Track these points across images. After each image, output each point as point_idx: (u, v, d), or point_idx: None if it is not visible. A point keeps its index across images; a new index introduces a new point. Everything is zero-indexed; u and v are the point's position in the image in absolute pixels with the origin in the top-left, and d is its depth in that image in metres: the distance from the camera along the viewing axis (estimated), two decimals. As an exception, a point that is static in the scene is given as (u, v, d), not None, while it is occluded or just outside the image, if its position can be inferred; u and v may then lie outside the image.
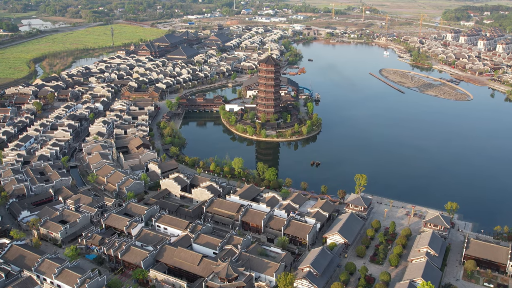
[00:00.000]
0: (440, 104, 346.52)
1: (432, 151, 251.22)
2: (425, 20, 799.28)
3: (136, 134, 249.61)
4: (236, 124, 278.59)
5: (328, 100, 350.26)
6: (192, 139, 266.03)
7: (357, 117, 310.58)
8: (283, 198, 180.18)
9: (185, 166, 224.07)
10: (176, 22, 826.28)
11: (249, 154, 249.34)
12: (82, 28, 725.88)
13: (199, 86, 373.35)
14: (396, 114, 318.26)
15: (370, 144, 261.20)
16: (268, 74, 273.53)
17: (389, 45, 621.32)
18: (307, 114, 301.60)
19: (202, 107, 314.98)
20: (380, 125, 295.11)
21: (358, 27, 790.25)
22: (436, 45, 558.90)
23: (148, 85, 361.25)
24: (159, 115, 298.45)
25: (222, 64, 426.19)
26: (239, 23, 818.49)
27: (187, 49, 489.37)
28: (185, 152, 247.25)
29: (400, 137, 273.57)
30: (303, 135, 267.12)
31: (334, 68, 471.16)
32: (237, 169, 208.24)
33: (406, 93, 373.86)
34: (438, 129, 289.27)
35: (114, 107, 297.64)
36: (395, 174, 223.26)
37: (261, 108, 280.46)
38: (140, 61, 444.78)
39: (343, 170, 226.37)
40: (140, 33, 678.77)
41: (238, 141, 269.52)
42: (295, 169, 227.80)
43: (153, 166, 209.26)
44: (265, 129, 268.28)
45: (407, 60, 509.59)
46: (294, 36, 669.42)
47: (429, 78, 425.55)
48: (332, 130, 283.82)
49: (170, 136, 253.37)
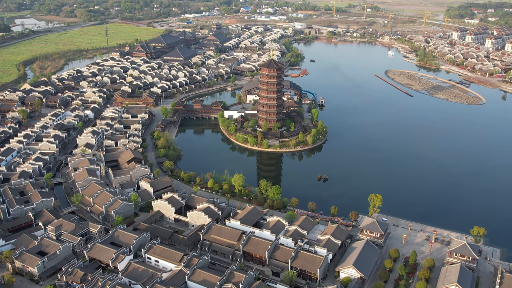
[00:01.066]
0: (451, 109, 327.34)
1: (449, 164, 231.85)
2: (428, 18, 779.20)
3: (128, 146, 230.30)
4: (236, 133, 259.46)
5: (333, 104, 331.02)
6: (188, 149, 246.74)
7: (364, 124, 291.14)
8: (289, 223, 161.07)
9: (180, 182, 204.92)
10: (173, 21, 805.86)
11: (250, 166, 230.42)
12: (76, 28, 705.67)
13: (197, 90, 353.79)
14: (406, 121, 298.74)
15: (380, 155, 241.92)
16: (270, 79, 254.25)
17: (393, 44, 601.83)
18: (311, 121, 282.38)
19: (200, 113, 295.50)
20: (390, 133, 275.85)
21: (360, 25, 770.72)
22: (442, 44, 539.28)
23: (142, 89, 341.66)
24: (153, 123, 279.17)
25: (220, 66, 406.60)
26: (238, 22, 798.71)
27: (184, 50, 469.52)
28: (181, 165, 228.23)
29: (412, 147, 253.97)
30: (308, 145, 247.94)
31: (338, 69, 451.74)
32: (237, 187, 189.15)
33: (414, 97, 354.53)
34: (453, 137, 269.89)
35: (105, 114, 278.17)
36: (410, 190, 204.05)
37: (263, 116, 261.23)
38: (134, 63, 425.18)
39: (353, 185, 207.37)
40: (136, 33, 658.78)
41: (238, 151, 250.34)
42: (301, 184, 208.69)
43: (144, 184, 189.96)
44: (267, 139, 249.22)
45: (413, 60, 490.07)
46: (295, 35, 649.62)
47: (438, 80, 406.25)
48: (338, 139, 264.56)
49: (165, 147, 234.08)
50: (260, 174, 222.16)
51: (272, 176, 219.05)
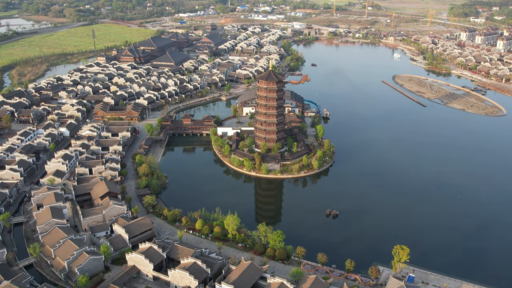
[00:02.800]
0: (470, 121, 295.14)
1: (479, 193, 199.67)
2: (432, 17, 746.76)
3: (104, 175, 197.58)
4: (230, 154, 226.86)
5: (338, 117, 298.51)
6: (175, 175, 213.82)
7: (375, 141, 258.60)
8: (295, 286, 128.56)
9: (163, 221, 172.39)
10: (166, 21, 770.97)
11: (246, 198, 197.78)
12: (64, 29, 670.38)
13: (188, 101, 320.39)
14: (422, 136, 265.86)
15: (395, 180, 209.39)
16: (269, 93, 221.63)
17: (398, 45, 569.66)
18: (315, 138, 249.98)
19: (190, 130, 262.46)
20: (404, 152, 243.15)
21: (361, 24, 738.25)
22: (451, 46, 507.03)
23: (127, 100, 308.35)
24: (137, 142, 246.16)
25: (214, 73, 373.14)
26: (234, 22, 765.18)
27: (176, 54, 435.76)
28: (166, 196, 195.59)
29: (431, 170, 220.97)
30: (314, 169, 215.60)
31: (341, 74, 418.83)
32: (231, 231, 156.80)
33: (428, 107, 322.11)
34: (479, 158, 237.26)
35: (82, 133, 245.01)
36: (436, 229, 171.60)
37: (261, 135, 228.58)
38: (121, 69, 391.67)
39: (367, 223, 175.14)
40: (127, 34, 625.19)
41: (233, 176, 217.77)
42: (307, 222, 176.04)
43: (119, 228, 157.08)
44: (266, 162, 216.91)
45: (421, 64, 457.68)
46: (294, 36, 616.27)
47: (451, 87, 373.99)
48: (346, 161, 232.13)
49: (147, 175, 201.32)
50: (258, 207, 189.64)
51: (272, 210, 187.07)
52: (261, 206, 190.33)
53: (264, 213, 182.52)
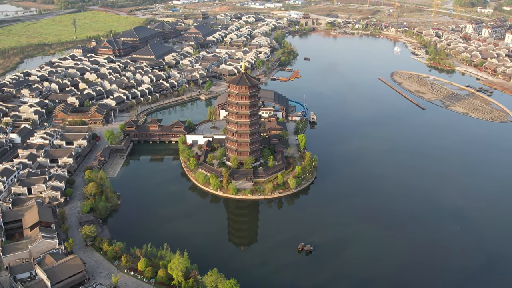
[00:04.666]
0: (474, 128, 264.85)
1: (484, 221, 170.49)
2: (437, 7, 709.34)
3: (45, 195, 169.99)
4: (197, 169, 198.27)
5: (327, 121, 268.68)
6: (131, 194, 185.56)
7: (366, 152, 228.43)
8: None
9: (103, 257, 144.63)
10: (158, 9, 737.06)
11: (207, 223, 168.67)
12: (49, 17, 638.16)
13: (162, 101, 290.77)
14: (419, 147, 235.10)
15: (387, 206, 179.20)
16: (241, 99, 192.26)
17: (399, 37, 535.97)
18: (298, 149, 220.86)
19: (157, 137, 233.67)
20: (399, 168, 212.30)
21: (362, 14, 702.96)
22: (456, 40, 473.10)
23: (95, 100, 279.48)
24: (95, 151, 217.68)
25: (196, 68, 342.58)
26: (229, 10, 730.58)
27: (158, 46, 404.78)
28: (115, 221, 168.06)
29: (430, 191, 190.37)
30: (290, 189, 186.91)
31: (336, 70, 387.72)
32: (177, 277, 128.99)
33: (428, 110, 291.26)
34: (482, 173, 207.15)
35: (33, 140, 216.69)
36: (432, 274, 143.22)
37: (232, 147, 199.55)
38: (97, 62, 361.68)
39: (348, 263, 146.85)
40: (114, 23, 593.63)
41: (198, 195, 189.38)
42: (273, 261, 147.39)
43: (40, 272, 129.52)
44: (236, 180, 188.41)
45: (423, 59, 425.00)
46: (290, 26, 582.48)
47: (453, 86, 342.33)
48: (330, 177, 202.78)
49: (95, 195, 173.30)
50: (218, 240, 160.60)
51: (233, 244, 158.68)
52: (222, 237, 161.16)
53: (223, 248, 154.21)
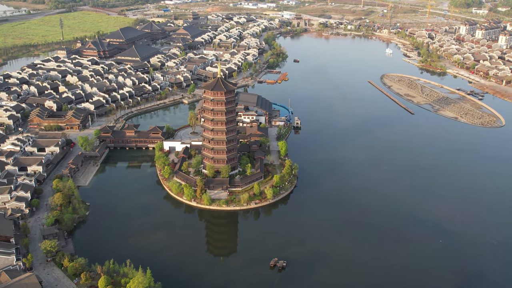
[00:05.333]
0: (462, 134, 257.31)
1: (468, 236, 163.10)
2: (432, 7, 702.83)
3: (8, 206, 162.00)
4: (171, 177, 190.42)
5: (312, 126, 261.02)
6: (102, 204, 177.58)
7: (349, 161, 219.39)
8: None
9: (63, 273, 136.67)
10: (150, 9, 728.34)
11: (178, 237, 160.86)
12: (38, 17, 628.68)
13: (144, 104, 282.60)
14: (405, 155, 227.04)
15: (368, 220, 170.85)
16: (216, 105, 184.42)
17: (392, 39, 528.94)
18: (279, 156, 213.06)
19: (133, 143, 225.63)
20: (382, 178, 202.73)
21: (356, 15, 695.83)
22: (449, 41, 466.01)
23: (74, 104, 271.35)
24: (69, 159, 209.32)
25: (180, 71, 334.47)
26: (221, 10, 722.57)
27: (143, 48, 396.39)
28: (82, 233, 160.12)
29: (413, 204, 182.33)
30: (267, 200, 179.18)
31: (325, 72, 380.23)
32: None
33: (416, 114, 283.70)
34: (469, 184, 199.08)
35: (3, 147, 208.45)
36: None
37: (209, 154, 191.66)
38: (80, 64, 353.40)
39: (323, 281, 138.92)
40: (103, 24, 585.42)
41: (172, 205, 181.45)
42: (242, 278, 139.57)
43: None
44: (212, 189, 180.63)
45: (415, 61, 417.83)
46: (281, 27, 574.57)
47: (444, 89, 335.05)
48: (311, 187, 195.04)
49: (61, 206, 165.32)
50: (191, 251, 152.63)
51: (203, 259, 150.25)
52: (192, 252, 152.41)
53: (192, 264, 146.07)
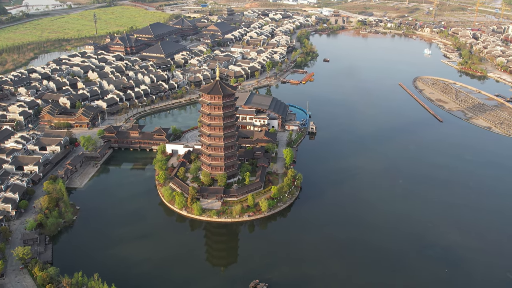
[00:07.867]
0: (494, 146, 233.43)
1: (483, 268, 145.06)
2: (482, 5, 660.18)
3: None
4: (167, 183, 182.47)
5: (329, 131, 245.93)
6: (94, 207, 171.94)
7: (361, 172, 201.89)
8: None
9: (33, 283, 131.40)
10: (188, 4, 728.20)
11: (161, 249, 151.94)
12: (78, 11, 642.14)
13: (158, 103, 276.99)
14: (426, 168, 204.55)
15: (371, 243, 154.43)
16: (213, 110, 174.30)
17: (434, 38, 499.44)
18: (284, 164, 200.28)
19: (137, 144, 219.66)
20: (396, 194, 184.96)
21: (399, 12, 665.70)
22: (494, 42, 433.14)
23: (88, 101, 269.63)
24: (70, 158, 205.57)
25: (201, 69, 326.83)
26: (260, 6, 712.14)
27: (169, 45, 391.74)
28: (66, 239, 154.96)
29: (425, 226, 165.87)
30: (262, 212, 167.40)
31: (355, 74, 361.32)
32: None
33: (445, 122, 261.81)
34: (494, 207, 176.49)
35: (7, 144, 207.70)
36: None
37: (206, 161, 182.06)
38: (105, 60, 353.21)
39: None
40: (139, 18, 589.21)
41: (164, 213, 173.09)
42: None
43: None
44: (205, 199, 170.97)
45: (454, 63, 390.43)
46: (317, 24, 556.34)
47: (481, 95, 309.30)
48: (313, 200, 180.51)
49: (48, 209, 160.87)
50: (171, 264, 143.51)
51: (182, 275, 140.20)
52: (170, 266, 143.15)
53: (166, 280, 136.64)
